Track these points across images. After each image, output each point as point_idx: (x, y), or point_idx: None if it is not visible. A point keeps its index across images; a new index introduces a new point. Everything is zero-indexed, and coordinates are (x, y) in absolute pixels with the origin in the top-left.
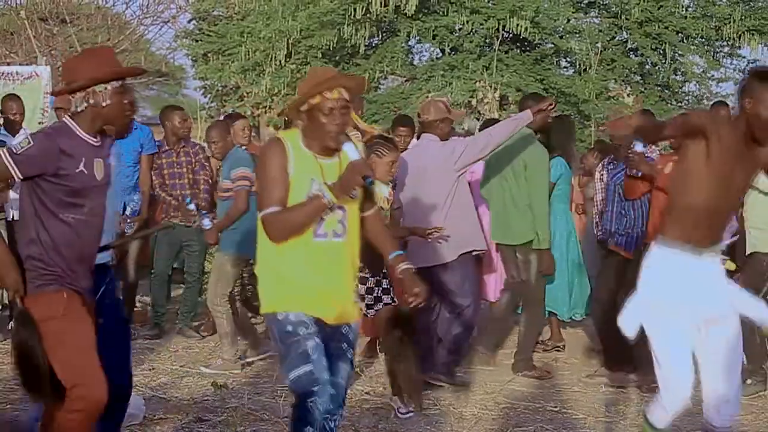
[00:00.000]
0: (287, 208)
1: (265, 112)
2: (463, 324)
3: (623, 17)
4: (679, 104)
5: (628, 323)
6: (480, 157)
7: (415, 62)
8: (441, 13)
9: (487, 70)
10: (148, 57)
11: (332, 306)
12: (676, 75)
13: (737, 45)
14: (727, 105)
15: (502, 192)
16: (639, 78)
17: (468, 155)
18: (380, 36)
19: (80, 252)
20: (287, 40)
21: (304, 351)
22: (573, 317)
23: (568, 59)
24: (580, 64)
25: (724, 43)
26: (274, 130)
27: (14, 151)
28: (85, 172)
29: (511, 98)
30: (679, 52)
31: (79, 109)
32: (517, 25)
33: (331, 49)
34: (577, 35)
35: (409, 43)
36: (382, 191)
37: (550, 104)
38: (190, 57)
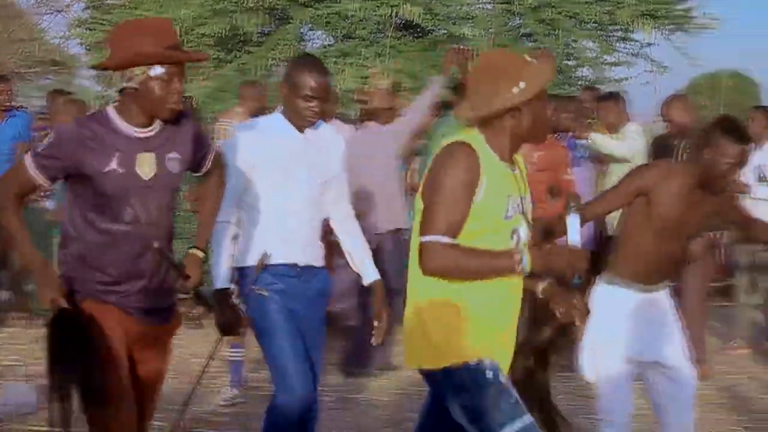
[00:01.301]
0: (468, 249)
1: None
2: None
3: (516, 3)
4: (573, 89)
5: (586, 366)
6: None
7: (307, 49)
8: (333, 0)
9: (380, 57)
10: (43, 46)
11: (510, 351)
12: (569, 60)
13: (630, 29)
14: (619, 95)
15: None
16: None
17: (403, 131)
18: (273, 23)
19: (128, 269)
20: (180, 28)
21: (516, 401)
22: None
23: (462, 45)
24: (473, 50)
25: (618, 27)
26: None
27: (38, 150)
28: (119, 171)
29: (405, 85)
30: (573, 38)
31: (118, 92)
32: (411, 11)
33: (223, 37)
34: (471, 21)
35: (302, 30)
36: None
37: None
38: (84, 46)
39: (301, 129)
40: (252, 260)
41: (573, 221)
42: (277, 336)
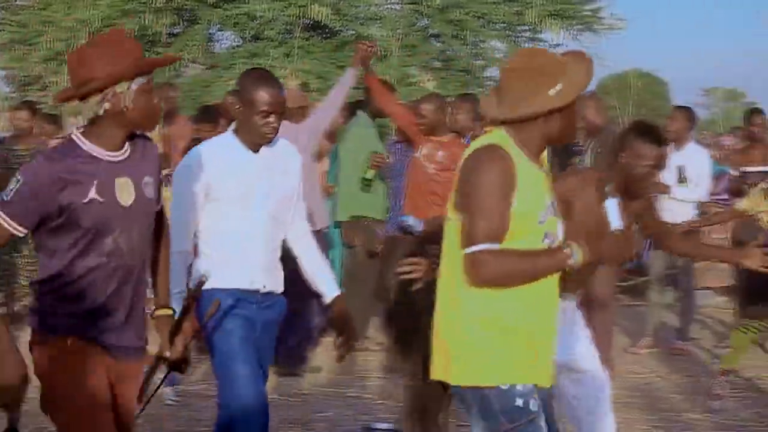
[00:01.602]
0: (517, 252)
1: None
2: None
3: (424, 4)
4: (481, 89)
5: None
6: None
7: (216, 50)
8: (242, 0)
9: (288, 57)
10: None
11: (550, 363)
12: (477, 60)
13: (538, 29)
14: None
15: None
16: (440, 64)
17: (317, 127)
18: (181, 24)
19: (108, 301)
20: (88, 29)
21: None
22: None
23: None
24: (381, 51)
25: (526, 28)
26: (75, 119)
27: (4, 198)
28: (100, 200)
29: (313, 86)
30: (481, 38)
31: (91, 117)
32: (318, 12)
33: (132, 37)
34: (378, 22)
35: (210, 31)
36: None
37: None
38: None
39: (256, 148)
40: (211, 285)
41: (611, 206)
42: (234, 361)
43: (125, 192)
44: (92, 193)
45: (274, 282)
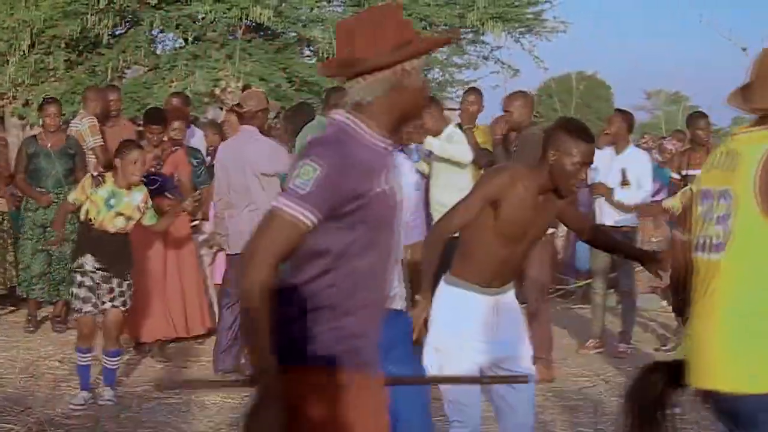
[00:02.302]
0: None
1: (10, 103)
2: None
3: (366, 5)
4: None
5: (431, 367)
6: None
7: (158, 52)
8: (184, 2)
9: (230, 59)
10: None
11: None
12: None
13: (481, 32)
14: (478, 91)
15: None
16: None
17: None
18: (123, 25)
19: (373, 310)
20: (30, 29)
21: None
22: None
23: (311, 48)
24: (323, 53)
25: (468, 30)
26: (18, 121)
27: (297, 190)
28: (386, 191)
29: (255, 87)
30: None
31: (363, 100)
32: (260, 14)
33: (74, 39)
34: (321, 24)
35: (152, 32)
36: (134, 200)
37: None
38: None
39: None
40: None
41: None
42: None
43: (394, 185)
44: (382, 184)
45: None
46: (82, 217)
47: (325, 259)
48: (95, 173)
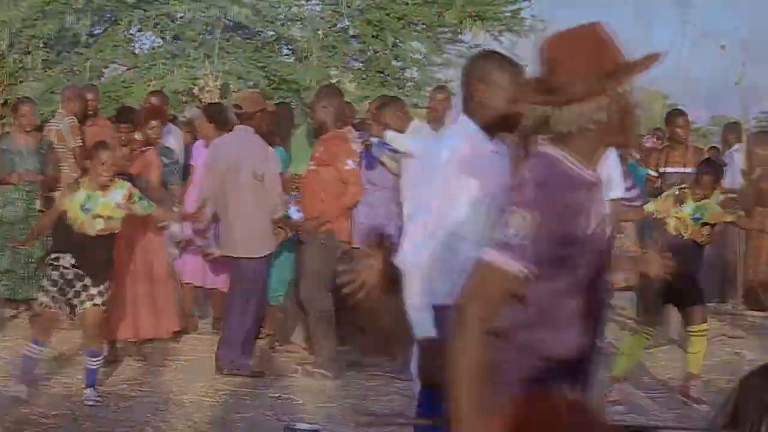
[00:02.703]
0: None
1: None
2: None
3: (344, 4)
4: (401, 90)
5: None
6: None
7: (136, 51)
8: (162, 1)
9: (208, 58)
10: None
11: None
12: (397, 61)
13: (459, 31)
14: (448, 89)
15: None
16: (361, 64)
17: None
18: (102, 25)
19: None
20: (9, 29)
21: None
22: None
23: (290, 47)
24: (301, 52)
25: (446, 29)
26: None
27: (508, 241)
28: (597, 231)
29: (233, 86)
30: (401, 39)
31: (573, 129)
32: (239, 12)
33: (53, 38)
34: (299, 22)
35: (131, 31)
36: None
37: None
38: None
39: None
40: None
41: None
42: None
43: (594, 219)
44: (593, 224)
45: None
46: (68, 222)
47: (529, 307)
48: (71, 180)
